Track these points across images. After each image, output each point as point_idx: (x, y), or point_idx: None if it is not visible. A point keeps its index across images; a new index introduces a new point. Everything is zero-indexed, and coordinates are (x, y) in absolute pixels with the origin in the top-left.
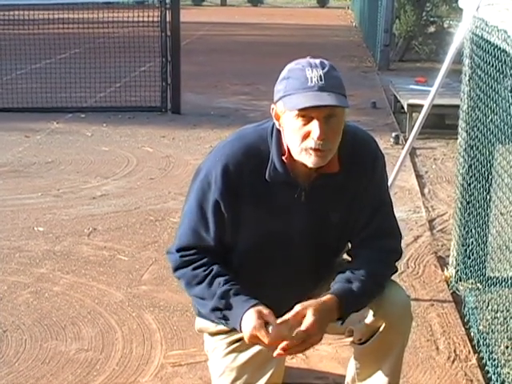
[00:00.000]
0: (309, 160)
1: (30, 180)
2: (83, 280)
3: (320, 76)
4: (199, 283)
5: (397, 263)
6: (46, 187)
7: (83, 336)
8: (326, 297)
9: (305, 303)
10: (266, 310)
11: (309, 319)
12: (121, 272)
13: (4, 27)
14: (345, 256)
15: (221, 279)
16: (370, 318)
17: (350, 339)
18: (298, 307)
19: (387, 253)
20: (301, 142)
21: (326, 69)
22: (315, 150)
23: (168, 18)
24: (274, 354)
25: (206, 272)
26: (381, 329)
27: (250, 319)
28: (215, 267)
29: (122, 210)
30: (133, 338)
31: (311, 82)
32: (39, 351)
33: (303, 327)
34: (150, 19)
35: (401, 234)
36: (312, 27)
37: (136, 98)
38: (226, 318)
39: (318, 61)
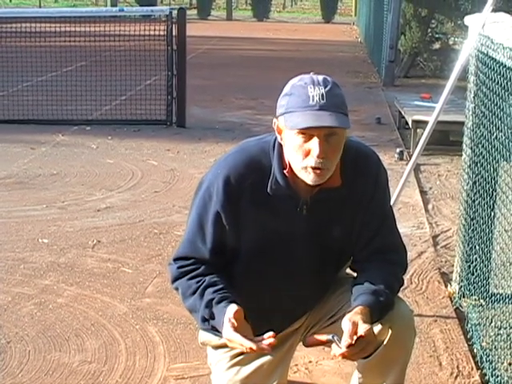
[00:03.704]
0: (308, 178)
1: (34, 192)
2: (87, 292)
3: (322, 94)
4: (192, 294)
5: (403, 277)
6: (51, 199)
7: (87, 348)
8: (359, 308)
9: (349, 316)
10: (236, 312)
11: (364, 327)
12: (125, 284)
13: (11, 39)
14: (347, 270)
15: (211, 289)
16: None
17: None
18: (348, 323)
19: (393, 266)
20: (301, 160)
21: (328, 87)
22: (315, 168)
23: (174, 32)
24: (337, 353)
25: (199, 283)
26: (384, 343)
27: (225, 329)
28: (208, 278)
29: (127, 222)
30: (136, 351)
31: (312, 100)
32: (43, 363)
33: (361, 334)
34: (157, 33)
35: (405, 248)
36: (317, 42)
37: (141, 112)
38: (214, 328)
39: (320, 78)
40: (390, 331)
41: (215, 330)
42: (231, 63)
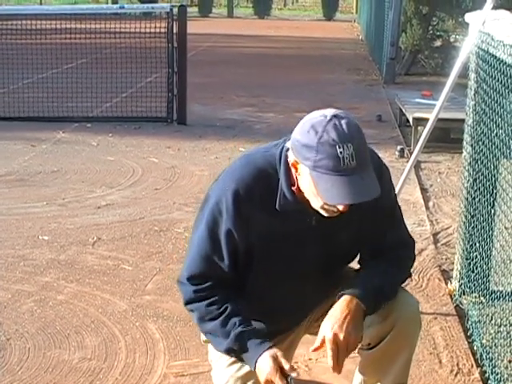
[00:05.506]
0: (324, 213)
1: (35, 189)
2: (87, 289)
3: (351, 155)
4: (212, 319)
5: (411, 268)
6: (52, 196)
7: (86, 345)
8: (346, 298)
9: (323, 327)
10: (279, 354)
11: (328, 334)
12: (125, 282)
13: (11, 36)
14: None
15: (235, 319)
16: (379, 322)
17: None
18: (320, 336)
19: (400, 258)
20: (321, 203)
21: (355, 142)
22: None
23: (175, 30)
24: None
25: (221, 310)
26: (390, 334)
27: (264, 364)
28: (229, 305)
29: (127, 219)
30: (136, 348)
31: (344, 164)
32: (42, 360)
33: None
34: (157, 30)
35: (413, 240)
36: (318, 40)
37: (142, 109)
38: (241, 359)
39: (345, 126)
40: (395, 322)
41: (240, 360)
42: (232, 61)
